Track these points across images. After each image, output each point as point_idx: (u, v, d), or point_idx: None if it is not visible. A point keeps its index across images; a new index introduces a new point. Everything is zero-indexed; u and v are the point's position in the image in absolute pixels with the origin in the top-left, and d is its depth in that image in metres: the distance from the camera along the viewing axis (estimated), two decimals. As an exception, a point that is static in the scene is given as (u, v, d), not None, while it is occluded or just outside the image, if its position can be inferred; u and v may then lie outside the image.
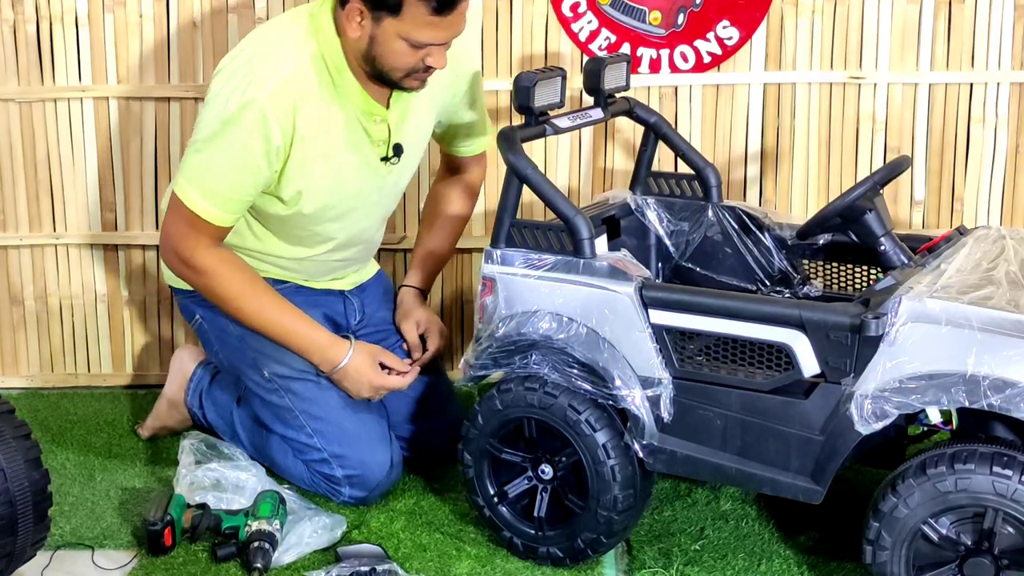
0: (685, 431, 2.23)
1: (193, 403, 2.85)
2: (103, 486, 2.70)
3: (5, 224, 3.22)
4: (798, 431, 2.13)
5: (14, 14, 3.11)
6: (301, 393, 2.57)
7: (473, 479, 2.40)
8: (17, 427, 2.13)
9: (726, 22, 3.05)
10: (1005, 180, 3.13)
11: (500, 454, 2.38)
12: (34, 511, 2.12)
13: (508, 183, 2.34)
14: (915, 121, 3.10)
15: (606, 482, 2.25)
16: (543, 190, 2.30)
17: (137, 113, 3.15)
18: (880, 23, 3.05)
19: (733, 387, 2.19)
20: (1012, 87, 3.07)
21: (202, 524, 2.41)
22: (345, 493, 2.57)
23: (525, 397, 2.31)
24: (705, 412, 2.21)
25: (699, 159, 2.70)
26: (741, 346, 2.18)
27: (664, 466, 2.25)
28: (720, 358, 2.24)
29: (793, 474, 2.14)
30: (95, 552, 2.42)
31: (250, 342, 2.59)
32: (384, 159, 2.52)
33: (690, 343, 2.29)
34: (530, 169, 2.31)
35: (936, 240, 2.36)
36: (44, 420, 3.06)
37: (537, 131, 2.40)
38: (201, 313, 2.67)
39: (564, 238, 2.31)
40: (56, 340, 3.28)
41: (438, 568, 2.35)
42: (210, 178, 2.39)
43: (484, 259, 2.38)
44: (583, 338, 2.26)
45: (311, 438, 2.58)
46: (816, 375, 2.11)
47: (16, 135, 3.17)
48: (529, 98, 2.34)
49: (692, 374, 2.22)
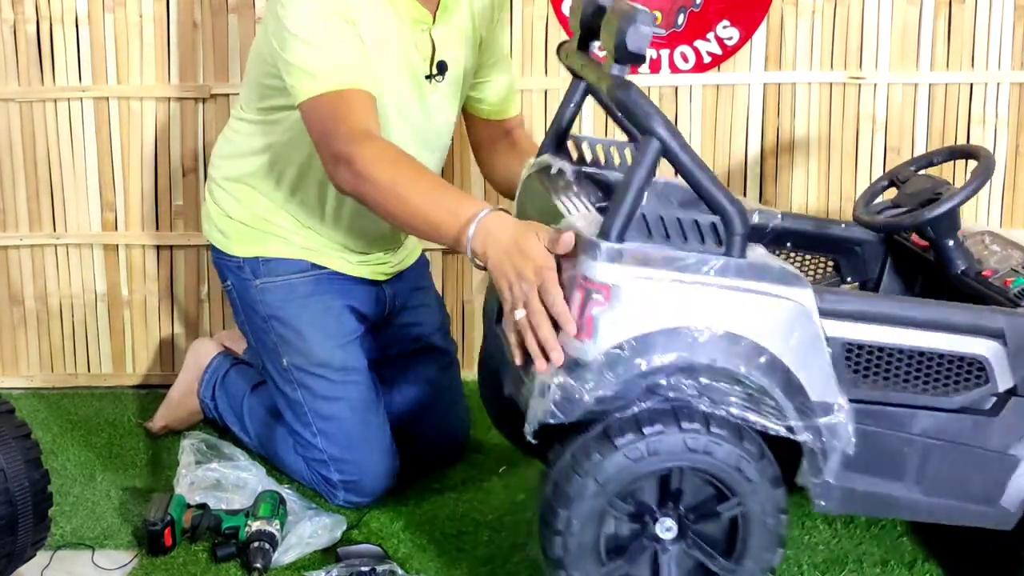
0: (864, 464, 1.90)
1: (206, 395, 2.85)
2: (103, 486, 2.70)
3: (5, 224, 3.22)
4: (989, 450, 1.94)
5: (14, 14, 3.11)
6: (314, 389, 2.56)
7: (573, 553, 1.82)
8: (17, 427, 2.13)
9: (726, 22, 3.05)
10: (1005, 180, 3.14)
11: (620, 515, 1.86)
12: (34, 511, 2.12)
13: (642, 152, 1.78)
14: (915, 121, 3.10)
15: (773, 537, 1.86)
16: (694, 168, 1.78)
17: (137, 113, 3.15)
18: (880, 23, 3.05)
19: (918, 408, 1.93)
20: (1012, 87, 3.07)
21: (202, 524, 2.41)
22: (340, 497, 2.57)
23: (685, 441, 1.80)
24: (887, 439, 1.92)
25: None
26: (930, 360, 1.93)
27: (837, 506, 1.94)
28: (904, 375, 1.95)
29: (984, 499, 1.96)
30: (95, 552, 2.42)
31: (275, 326, 2.57)
32: (428, 77, 2.45)
33: (870, 358, 1.95)
34: (680, 139, 1.78)
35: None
36: (44, 420, 3.06)
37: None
38: (233, 281, 2.64)
39: (706, 232, 1.82)
40: (56, 340, 3.28)
41: (438, 568, 2.35)
42: (316, 56, 2.24)
43: (589, 256, 1.78)
44: (753, 359, 1.81)
45: (315, 437, 2.57)
46: (1008, 389, 1.95)
47: (16, 135, 3.17)
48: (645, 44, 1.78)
49: (872, 396, 1.91)
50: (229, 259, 2.62)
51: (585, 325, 1.79)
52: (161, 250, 3.22)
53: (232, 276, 2.64)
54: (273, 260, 2.58)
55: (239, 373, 2.84)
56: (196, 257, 3.22)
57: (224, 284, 2.69)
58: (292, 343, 2.57)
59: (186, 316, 3.25)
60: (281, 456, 2.68)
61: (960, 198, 2.18)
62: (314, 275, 2.59)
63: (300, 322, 2.56)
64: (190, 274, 3.22)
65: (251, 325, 2.64)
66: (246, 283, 2.60)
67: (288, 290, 2.57)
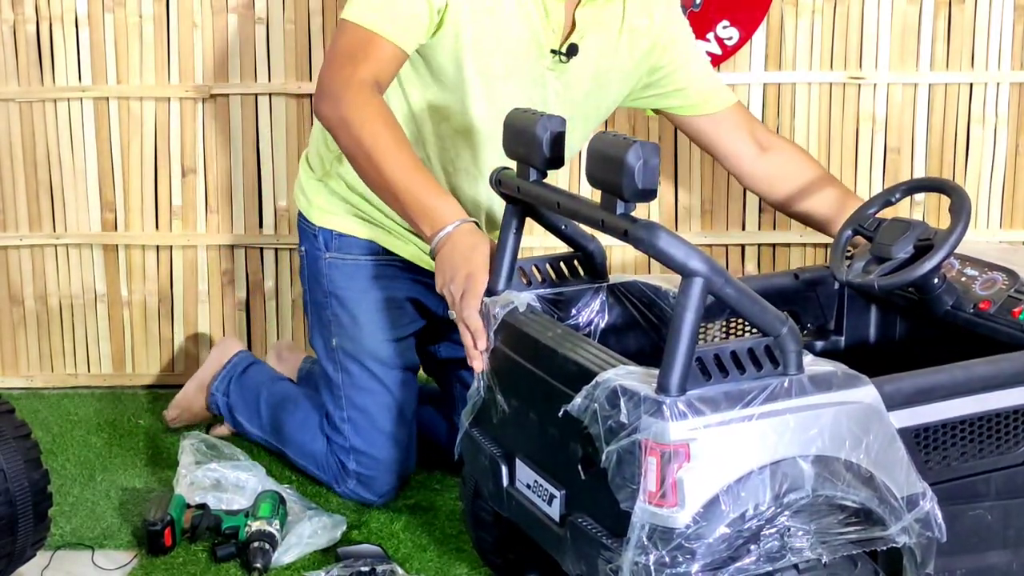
0: (955, 545, 1.80)
1: (218, 388, 2.85)
2: (103, 486, 2.70)
3: (5, 224, 3.22)
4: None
5: (14, 14, 3.11)
6: (355, 377, 2.55)
7: None
8: (17, 427, 2.13)
9: (726, 22, 3.05)
10: (1005, 180, 3.14)
11: None
12: (34, 511, 2.12)
13: (686, 295, 1.63)
14: (915, 121, 3.10)
15: None
16: (742, 298, 1.67)
17: (137, 113, 3.15)
18: (880, 23, 3.05)
19: (990, 472, 1.85)
20: (1012, 87, 3.07)
21: (202, 524, 2.41)
22: (349, 485, 2.57)
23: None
24: (969, 513, 1.83)
25: (580, 234, 2.12)
26: (993, 420, 1.85)
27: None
28: (971, 442, 1.85)
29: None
30: (95, 552, 2.42)
31: (333, 304, 2.55)
32: (554, 52, 2.33)
33: (937, 437, 1.83)
34: (721, 272, 1.66)
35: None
36: (44, 420, 3.06)
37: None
38: (307, 248, 2.60)
39: (761, 356, 1.68)
40: (56, 340, 3.28)
41: (438, 568, 2.35)
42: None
43: (655, 417, 1.61)
44: (846, 476, 1.67)
45: (344, 423, 2.56)
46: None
47: (16, 135, 3.17)
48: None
49: (945, 475, 1.81)
50: (308, 225, 2.57)
51: (669, 492, 1.62)
52: (161, 250, 3.22)
53: (307, 243, 2.59)
54: (346, 236, 2.54)
55: (260, 370, 2.85)
56: (196, 257, 3.22)
57: (300, 249, 2.64)
58: (345, 326, 2.55)
59: (186, 316, 3.25)
60: (296, 439, 2.67)
61: (953, 242, 2.09)
62: (384, 260, 2.54)
63: (358, 308, 2.54)
64: (190, 274, 3.22)
65: (311, 295, 2.62)
66: (317, 253, 2.57)
67: (354, 270, 2.54)
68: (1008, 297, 2.11)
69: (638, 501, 1.63)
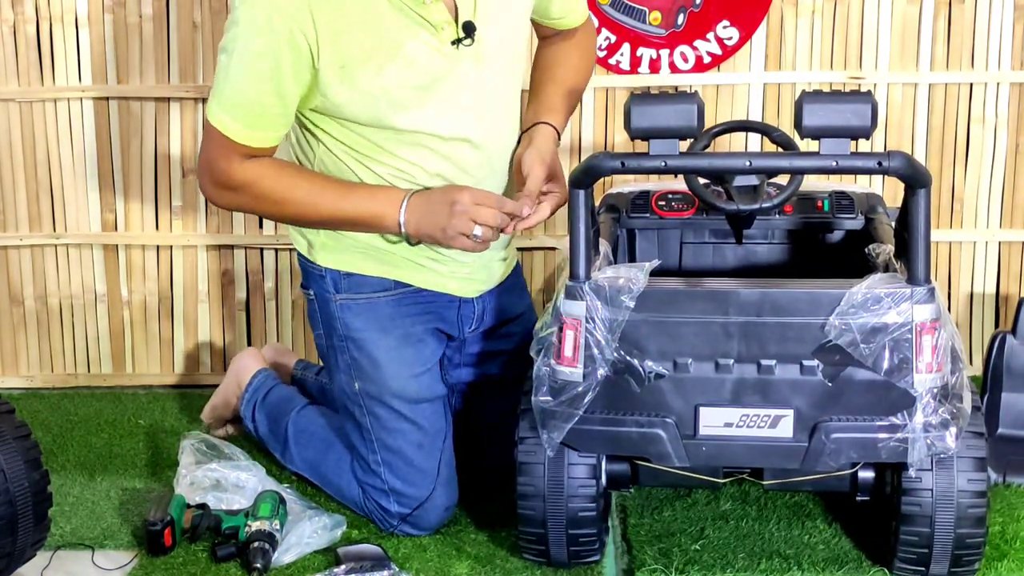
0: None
1: (246, 414, 2.78)
2: (103, 486, 2.70)
3: (5, 224, 3.22)
4: None
5: (14, 14, 3.11)
6: (383, 420, 2.45)
7: None
8: (17, 427, 2.14)
9: (726, 22, 3.05)
10: (1005, 180, 3.14)
11: None
12: (34, 511, 2.12)
13: (921, 206, 2.08)
14: (915, 121, 3.10)
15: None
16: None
17: (137, 113, 3.15)
18: (880, 23, 3.06)
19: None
20: (1012, 87, 3.07)
21: (202, 524, 2.41)
22: (397, 526, 2.48)
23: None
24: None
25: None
26: None
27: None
28: None
29: None
30: (95, 552, 2.42)
31: (351, 348, 2.44)
32: (455, 42, 2.24)
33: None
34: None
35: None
36: (44, 420, 3.06)
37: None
38: (315, 290, 2.46)
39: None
40: (56, 340, 3.28)
41: (438, 568, 2.35)
42: (230, 92, 2.19)
43: (920, 302, 2.03)
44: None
45: (379, 466, 2.47)
46: None
47: (16, 135, 3.17)
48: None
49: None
50: (312, 266, 2.44)
51: (943, 358, 2.04)
52: (161, 250, 3.22)
53: (314, 285, 2.46)
54: (355, 275, 2.41)
55: (280, 395, 2.75)
56: (196, 257, 3.22)
57: (306, 291, 2.50)
58: (366, 370, 2.43)
59: (186, 316, 3.25)
60: (333, 481, 2.58)
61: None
62: (397, 295, 2.43)
63: (377, 350, 2.42)
64: (190, 274, 3.22)
65: (327, 340, 2.49)
66: (327, 296, 2.44)
67: (369, 311, 2.42)
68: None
69: (914, 374, 2.02)
